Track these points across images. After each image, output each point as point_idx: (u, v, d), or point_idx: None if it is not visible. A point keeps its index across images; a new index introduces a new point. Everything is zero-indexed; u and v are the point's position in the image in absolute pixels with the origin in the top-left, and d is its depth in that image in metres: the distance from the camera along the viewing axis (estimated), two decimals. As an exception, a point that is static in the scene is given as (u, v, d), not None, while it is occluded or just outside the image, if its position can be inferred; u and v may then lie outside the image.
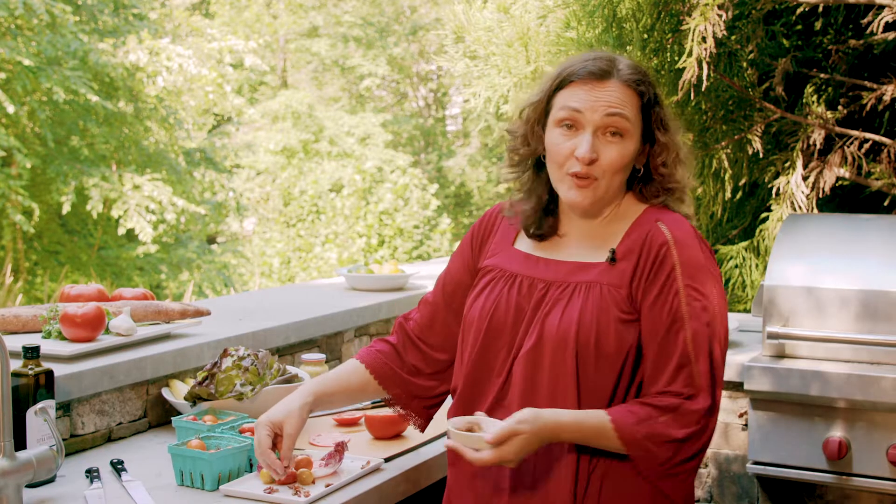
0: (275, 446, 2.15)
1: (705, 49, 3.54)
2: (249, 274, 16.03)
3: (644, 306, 2.01)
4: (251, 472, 2.28)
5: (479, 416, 1.98)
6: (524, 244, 2.19)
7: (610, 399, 2.01)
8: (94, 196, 11.74)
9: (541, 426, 1.92)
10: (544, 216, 2.17)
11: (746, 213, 4.45)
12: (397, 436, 2.59)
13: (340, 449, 2.29)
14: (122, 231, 12.15)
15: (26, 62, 11.05)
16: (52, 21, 11.51)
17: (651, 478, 1.98)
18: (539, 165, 2.16)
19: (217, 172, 14.36)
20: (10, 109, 10.99)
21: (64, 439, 2.46)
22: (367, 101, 20.13)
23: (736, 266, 4.12)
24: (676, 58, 3.82)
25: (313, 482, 2.21)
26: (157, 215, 12.29)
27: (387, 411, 2.63)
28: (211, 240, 17.29)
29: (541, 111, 2.12)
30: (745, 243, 4.13)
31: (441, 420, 2.55)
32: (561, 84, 2.08)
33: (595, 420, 1.96)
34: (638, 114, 2.06)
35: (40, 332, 2.75)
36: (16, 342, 2.36)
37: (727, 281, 4.13)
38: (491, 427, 1.93)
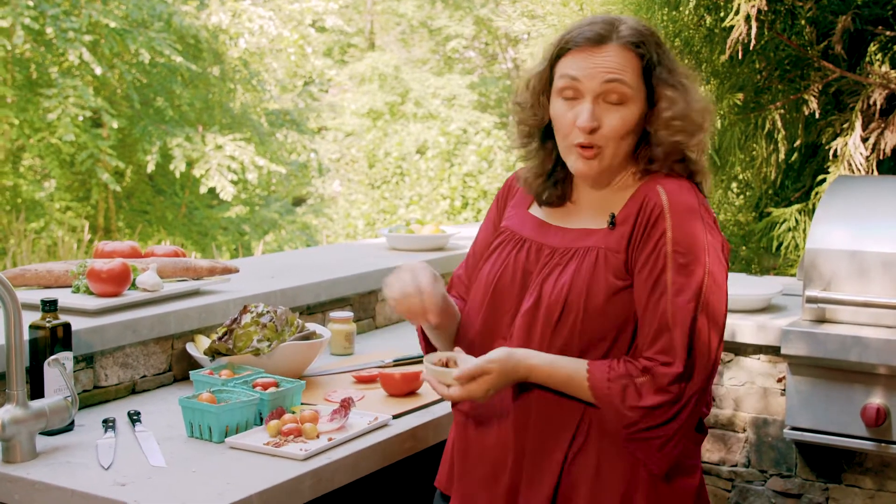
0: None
1: (753, 6, 3.44)
2: (334, 235, 16.17)
3: (634, 270, 1.98)
4: (260, 425, 2.32)
5: (457, 353, 2.01)
6: (538, 210, 2.17)
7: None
8: (177, 156, 11.94)
9: (511, 366, 1.94)
10: (553, 185, 2.14)
11: (806, 176, 4.33)
12: (411, 393, 2.61)
13: (346, 405, 2.31)
14: (203, 190, 12.33)
15: (113, 24, 11.26)
16: (138, -16, 11.71)
17: (618, 438, 1.96)
18: (545, 135, 2.12)
19: (299, 134, 14.46)
20: (98, 71, 11.23)
21: (87, 390, 2.53)
22: (456, 63, 20.05)
23: (789, 229, 4.02)
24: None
25: (317, 436, 2.24)
26: (239, 175, 12.43)
27: (403, 369, 2.64)
28: (298, 201, 17.46)
29: (545, 80, 2.08)
30: (798, 206, 4.01)
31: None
32: (561, 52, 2.03)
33: (570, 367, 1.95)
34: (639, 77, 2.00)
35: (70, 287, 2.82)
36: (48, 297, 2.41)
37: (780, 245, 4.03)
38: (464, 363, 1.96)
